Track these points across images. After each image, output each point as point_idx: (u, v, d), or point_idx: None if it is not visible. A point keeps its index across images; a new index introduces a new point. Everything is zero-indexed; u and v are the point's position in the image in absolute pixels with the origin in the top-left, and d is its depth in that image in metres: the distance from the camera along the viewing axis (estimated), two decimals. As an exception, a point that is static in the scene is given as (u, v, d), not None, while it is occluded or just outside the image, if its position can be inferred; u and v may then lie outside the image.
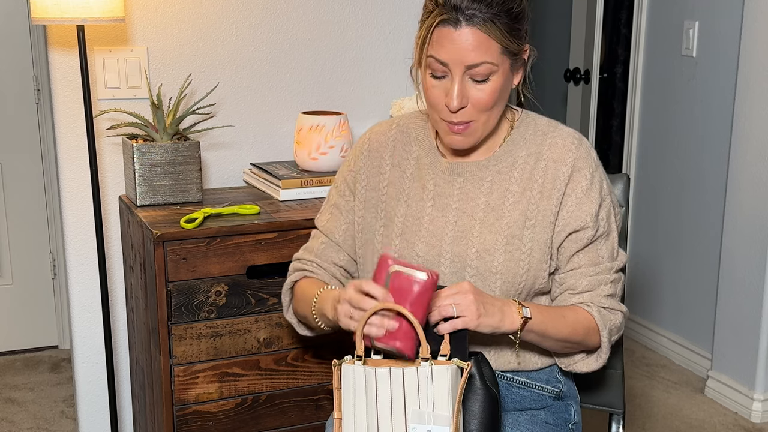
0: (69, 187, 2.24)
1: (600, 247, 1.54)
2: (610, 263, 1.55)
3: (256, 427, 2.01)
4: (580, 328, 1.50)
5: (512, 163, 1.55)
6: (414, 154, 1.61)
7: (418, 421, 1.30)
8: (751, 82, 2.93)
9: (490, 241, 1.51)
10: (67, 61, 2.19)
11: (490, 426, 1.39)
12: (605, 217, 1.54)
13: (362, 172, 1.65)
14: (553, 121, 1.60)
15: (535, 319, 1.45)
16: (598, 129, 3.98)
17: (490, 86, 1.44)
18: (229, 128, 2.36)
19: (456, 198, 1.55)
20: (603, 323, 1.51)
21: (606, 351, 1.53)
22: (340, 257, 1.67)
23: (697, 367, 3.37)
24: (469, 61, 1.41)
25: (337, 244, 1.67)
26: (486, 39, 1.40)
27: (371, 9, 2.43)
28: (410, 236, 1.56)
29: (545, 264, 1.52)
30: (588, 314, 1.51)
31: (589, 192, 1.52)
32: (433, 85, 1.46)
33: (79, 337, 2.32)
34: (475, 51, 1.40)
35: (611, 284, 1.54)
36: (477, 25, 1.39)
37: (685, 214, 3.42)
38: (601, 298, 1.53)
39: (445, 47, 1.41)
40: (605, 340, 1.52)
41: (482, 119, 1.47)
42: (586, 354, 1.55)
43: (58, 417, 3.00)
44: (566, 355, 1.57)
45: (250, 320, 1.95)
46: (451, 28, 1.39)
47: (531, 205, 1.52)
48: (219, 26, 2.30)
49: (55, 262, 3.54)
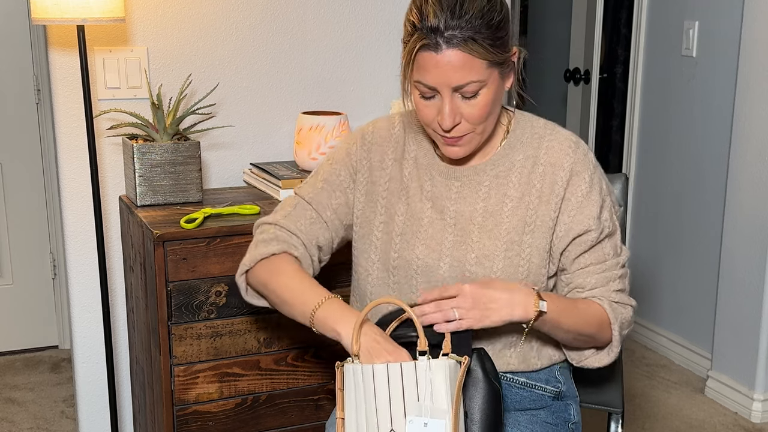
0: (69, 187, 2.24)
1: (605, 246, 1.54)
2: (616, 259, 1.55)
3: (256, 427, 2.01)
4: (593, 321, 1.50)
5: (509, 167, 1.54)
6: (413, 153, 1.60)
7: (415, 414, 1.31)
8: (751, 82, 2.93)
9: (489, 246, 1.51)
10: (67, 61, 2.19)
11: (493, 420, 1.39)
12: (608, 217, 1.54)
13: (364, 162, 1.63)
14: (549, 122, 1.59)
15: (551, 311, 1.44)
16: (598, 129, 3.98)
17: (481, 100, 1.42)
18: (229, 128, 2.36)
19: (453, 201, 1.55)
20: (615, 317, 1.52)
21: (617, 345, 1.54)
22: (325, 237, 1.62)
23: (697, 367, 3.37)
24: (455, 83, 1.39)
25: (325, 223, 1.62)
26: (469, 59, 1.38)
27: (371, 9, 2.43)
28: (410, 237, 1.56)
29: (544, 269, 1.52)
30: (600, 307, 1.52)
31: (590, 195, 1.52)
32: (425, 105, 1.45)
33: (79, 337, 2.32)
34: (459, 72, 1.38)
35: (619, 279, 1.55)
36: (458, 47, 1.36)
37: (685, 214, 3.42)
38: (611, 293, 1.54)
39: (429, 72, 1.39)
40: (617, 334, 1.52)
41: (478, 130, 1.47)
42: (596, 349, 1.56)
43: (58, 417, 3.00)
44: (576, 349, 1.57)
45: (250, 320, 1.95)
46: (433, 53, 1.38)
47: (530, 210, 1.52)
48: (219, 26, 2.30)
49: (55, 262, 3.54)
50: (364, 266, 1.61)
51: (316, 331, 1.48)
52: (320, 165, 1.68)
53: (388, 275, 1.57)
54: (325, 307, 1.46)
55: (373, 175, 1.62)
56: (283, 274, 1.55)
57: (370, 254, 1.59)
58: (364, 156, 1.63)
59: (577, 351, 1.58)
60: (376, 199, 1.61)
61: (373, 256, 1.58)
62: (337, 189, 1.63)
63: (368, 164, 1.63)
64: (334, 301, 1.47)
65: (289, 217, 1.62)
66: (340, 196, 1.63)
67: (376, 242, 1.59)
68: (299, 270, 1.56)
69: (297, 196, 1.65)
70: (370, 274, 1.59)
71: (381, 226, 1.59)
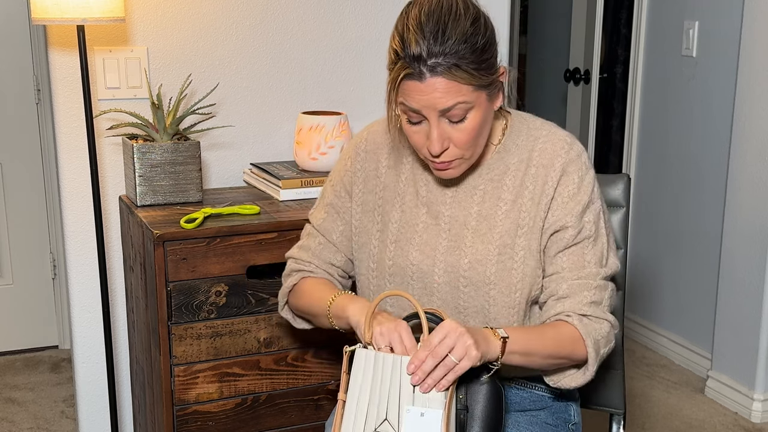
0: (69, 187, 2.24)
1: (586, 251, 1.48)
2: (597, 269, 1.48)
3: (256, 427, 2.01)
4: (564, 340, 1.43)
5: (504, 171, 1.53)
6: (409, 158, 1.60)
7: (413, 403, 1.31)
8: (751, 82, 2.93)
9: (482, 251, 1.50)
10: (67, 61, 2.19)
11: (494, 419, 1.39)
12: (592, 220, 1.49)
13: (359, 174, 1.63)
14: (546, 123, 1.56)
15: (514, 337, 1.38)
16: (598, 129, 3.98)
17: (469, 124, 1.40)
18: (229, 128, 2.36)
19: (449, 206, 1.54)
20: (586, 332, 1.44)
21: (593, 363, 1.45)
22: (337, 258, 1.66)
23: (697, 367, 3.37)
24: (441, 106, 1.37)
25: (334, 245, 1.66)
26: (454, 85, 1.35)
27: (371, 9, 2.43)
28: (404, 243, 1.55)
29: (539, 270, 1.50)
30: (568, 325, 1.44)
31: (576, 195, 1.48)
32: (414, 131, 1.44)
33: (79, 337, 2.32)
34: (445, 97, 1.36)
35: (596, 290, 1.47)
36: (442, 75, 1.34)
37: (685, 214, 3.42)
38: (583, 305, 1.45)
39: (414, 98, 1.38)
40: (591, 351, 1.44)
41: (467, 155, 1.45)
42: (576, 368, 1.48)
43: (58, 417, 3.00)
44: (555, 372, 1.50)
45: (250, 320, 1.95)
46: (417, 82, 1.36)
47: (522, 212, 1.50)
48: (219, 26, 2.30)
49: (55, 262, 3.54)
50: (364, 274, 1.61)
51: (336, 326, 1.53)
52: (324, 185, 1.71)
53: (386, 282, 1.57)
54: (338, 299, 1.52)
55: (368, 185, 1.62)
56: (304, 294, 1.64)
57: (369, 263, 1.59)
58: (358, 168, 1.64)
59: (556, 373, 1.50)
60: (373, 208, 1.61)
61: (371, 264, 1.59)
62: (340, 210, 1.65)
63: (363, 175, 1.63)
64: (347, 294, 1.53)
65: (302, 248, 1.69)
66: (343, 216, 1.65)
67: (373, 250, 1.59)
68: (317, 283, 1.63)
69: (309, 224, 1.71)
70: (370, 282, 1.60)
71: (377, 234, 1.59)
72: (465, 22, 1.35)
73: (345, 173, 1.66)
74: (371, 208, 1.61)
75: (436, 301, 1.52)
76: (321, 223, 1.67)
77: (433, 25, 1.34)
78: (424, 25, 1.35)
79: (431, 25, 1.34)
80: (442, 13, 1.35)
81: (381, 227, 1.59)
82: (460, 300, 1.50)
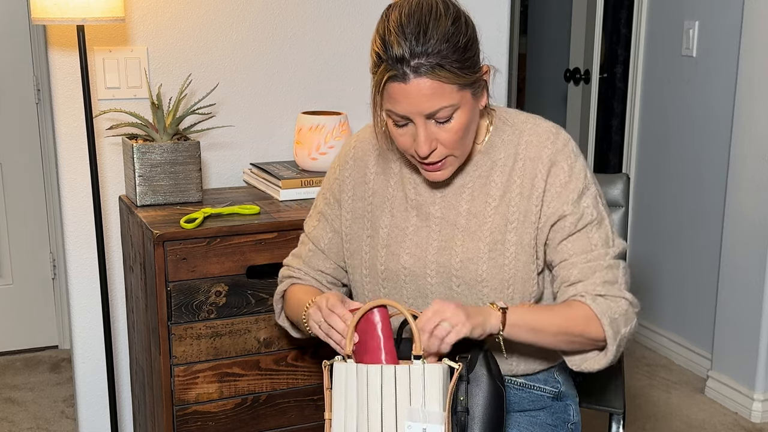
0: (69, 187, 2.24)
1: (591, 235, 1.48)
2: (605, 249, 1.47)
3: (256, 427, 2.01)
4: (576, 318, 1.42)
5: (491, 167, 1.52)
6: (397, 162, 1.60)
7: (413, 419, 1.30)
8: (751, 82, 2.93)
9: (472, 249, 1.50)
10: (67, 61, 2.19)
11: (495, 421, 1.39)
12: (591, 204, 1.48)
13: (348, 181, 1.64)
14: (531, 116, 1.56)
15: (515, 309, 1.40)
16: (598, 129, 3.98)
17: (456, 124, 1.41)
18: (229, 128, 2.36)
19: (438, 206, 1.54)
20: (601, 311, 1.42)
21: (613, 343, 1.43)
22: (326, 265, 1.67)
23: (697, 367, 3.37)
24: (427, 110, 1.38)
25: (323, 252, 1.67)
26: (439, 85, 1.36)
27: (371, 9, 2.43)
28: (395, 248, 1.55)
29: (532, 265, 1.50)
30: (581, 304, 1.43)
31: (569, 183, 1.48)
32: (400, 134, 1.44)
33: (79, 337, 2.32)
34: (430, 100, 1.36)
35: (607, 270, 1.46)
36: (426, 75, 1.34)
37: (685, 214, 3.42)
38: (596, 286, 1.44)
39: (399, 102, 1.38)
40: (609, 330, 1.41)
41: (456, 153, 1.45)
42: (598, 351, 1.47)
43: (58, 417, 3.00)
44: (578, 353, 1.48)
45: (250, 320, 1.95)
46: (401, 84, 1.36)
47: (511, 207, 1.50)
48: (219, 26, 2.30)
49: (55, 262, 3.54)
50: (358, 281, 1.62)
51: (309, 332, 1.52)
52: (318, 193, 1.73)
53: (379, 288, 1.57)
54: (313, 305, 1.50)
55: (357, 192, 1.63)
56: (290, 299, 1.67)
57: (361, 269, 1.60)
58: (347, 176, 1.64)
59: (578, 355, 1.49)
60: (362, 215, 1.61)
61: (364, 270, 1.59)
62: (329, 218, 1.67)
63: (352, 182, 1.64)
64: None
65: (294, 255, 1.72)
66: (332, 223, 1.66)
67: (364, 256, 1.59)
68: (300, 288, 1.66)
69: (303, 233, 1.73)
70: (364, 288, 1.61)
71: (368, 240, 1.60)
72: (446, 21, 1.36)
73: (334, 181, 1.67)
74: (361, 214, 1.61)
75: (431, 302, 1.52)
76: (312, 231, 1.69)
77: (414, 26, 1.35)
78: (405, 27, 1.35)
79: (412, 26, 1.35)
80: (423, 14, 1.36)
81: (371, 233, 1.59)
82: (454, 299, 1.50)
